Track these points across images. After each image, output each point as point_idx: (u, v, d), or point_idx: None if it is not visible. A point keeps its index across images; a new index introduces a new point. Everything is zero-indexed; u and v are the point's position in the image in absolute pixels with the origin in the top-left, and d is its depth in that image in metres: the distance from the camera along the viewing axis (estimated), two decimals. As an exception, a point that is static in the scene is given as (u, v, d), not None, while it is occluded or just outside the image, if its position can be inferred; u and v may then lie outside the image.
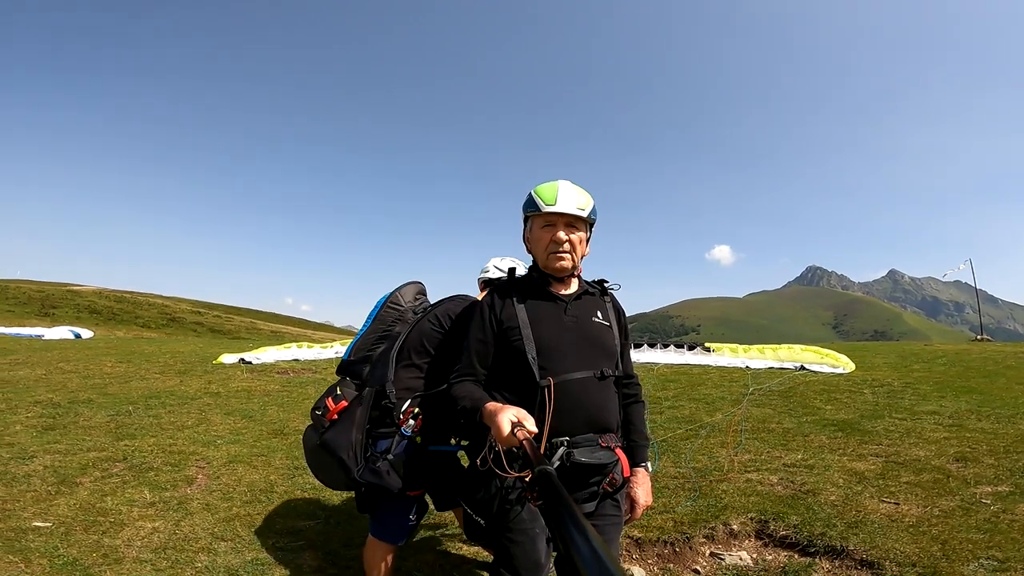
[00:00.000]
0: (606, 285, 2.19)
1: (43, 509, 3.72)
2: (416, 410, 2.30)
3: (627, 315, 2.25)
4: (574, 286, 2.11)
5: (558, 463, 1.79)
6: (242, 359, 11.18)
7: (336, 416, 2.33)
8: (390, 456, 2.22)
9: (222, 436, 5.69)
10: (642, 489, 2.07)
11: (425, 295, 2.71)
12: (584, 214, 1.99)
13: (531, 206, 2.03)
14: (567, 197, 1.97)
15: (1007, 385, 7.67)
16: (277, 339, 28.56)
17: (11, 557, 3.04)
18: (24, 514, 3.62)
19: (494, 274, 2.70)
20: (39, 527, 3.43)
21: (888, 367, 9.87)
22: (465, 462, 2.19)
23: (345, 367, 2.49)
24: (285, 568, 3.10)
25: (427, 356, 2.38)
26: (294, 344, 13.67)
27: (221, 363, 10.81)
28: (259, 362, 11.22)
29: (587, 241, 2.09)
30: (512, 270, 2.15)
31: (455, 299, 2.50)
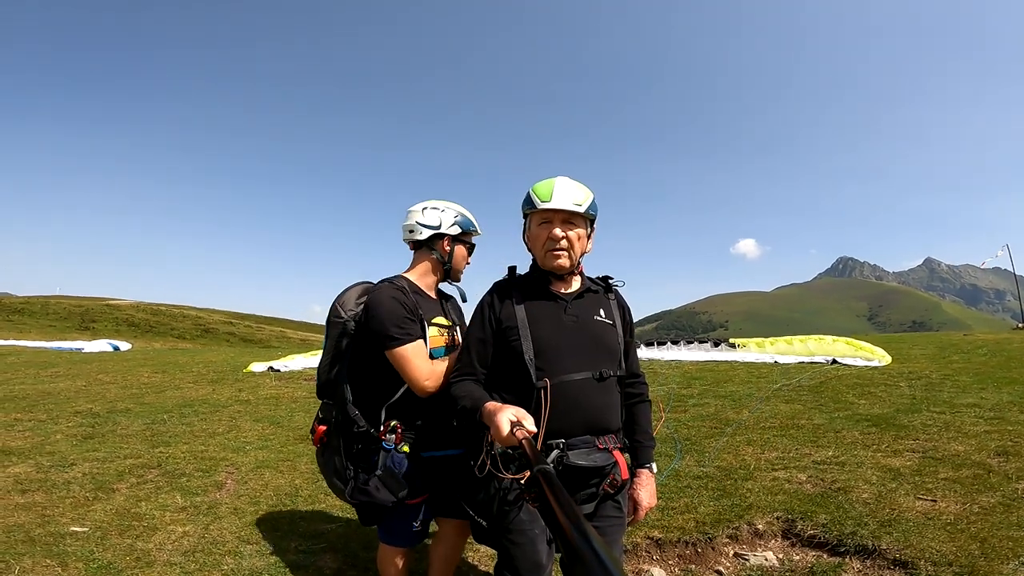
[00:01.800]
0: (611, 282, 2.14)
1: (81, 515, 3.85)
2: (393, 422, 2.19)
3: (653, 313, 2.20)
4: (576, 284, 2.07)
5: (552, 465, 1.78)
6: (271, 367, 11.42)
7: (323, 439, 2.30)
8: (378, 472, 2.15)
9: (251, 442, 5.82)
10: (645, 491, 2.03)
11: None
12: (581, 210, 1.94)
13: (528, 204, 2.01)
14: (563, 193, 1.94)
15: (1052, 375, 7.34)
16: (306, 347, 29.09)
17: (49, 561, 3.16)
18: (62, 520, 3.76)
19: (422, 234, 2.33)
20: (76, 532, 3.55)
21: (926, 358, 9.54)
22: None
23: (319, 391, 2.41)
24: (306, 570, 3.14)
25: (375, 362, 2.21)
26: (321, 351, 13.90)
27: (251, 371, 11.07)
28: (287, 370, 11.44)
29: (588, 237, 2.05)
30: (512, 268, 2.12)
31: (371, 290, 2.29)
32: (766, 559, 3.03)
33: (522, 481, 1.61)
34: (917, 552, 2.84)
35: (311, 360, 12.42)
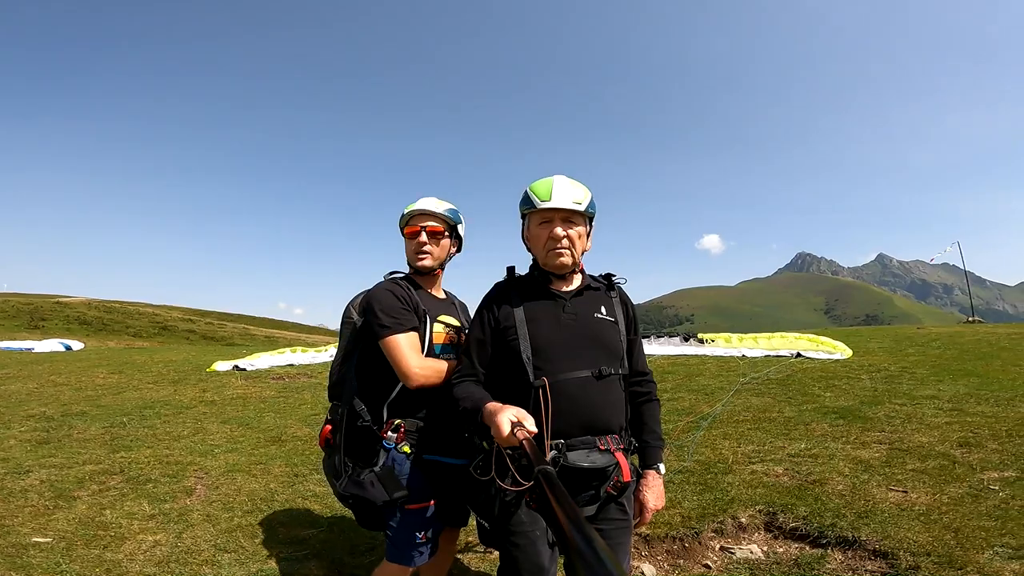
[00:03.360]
0: (613, 279, 2.12)
1: (42, 524, 3.65)
2: (397, 421, 2.16)
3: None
4: (576, 282, 2.05)
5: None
6: (236, 366, 11.07)
7: (329, 439, 2.28)
8: (376, 468, 2.11)
9: (219, 445, 5.62)
10: (652, 492, 2.00)
11: None
12: (581, 208, 1.93)
13: (527, 203, 1.98)
14: (562, 192, 1.92)
15: (1003, 367, 7.73)
16: (271, 344, 28.40)
17: (13, 574, 2.99)
18: (23, 530, 3.55)
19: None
20: (39, 543, 3.36)
21: (883, 352, 9.92)
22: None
23: (329, 392, 2.41)
24: (291, 579, 3.05)
25: (378, 358, 2.20)
26: (288, 349, 13.57)
27: (215, 371, 10.72)
28: (253, 368, 11.12)
29: (588, 236, 2.04)
30: (511, 269, 2.10)
31: (370, 292, 2.30)
32: (751, 552, 3.09)
33: (523, 488, 1.58)
34: (895, 543, 2.94)
35: (278, 358, 12.11)
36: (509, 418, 1.56)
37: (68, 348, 17.99)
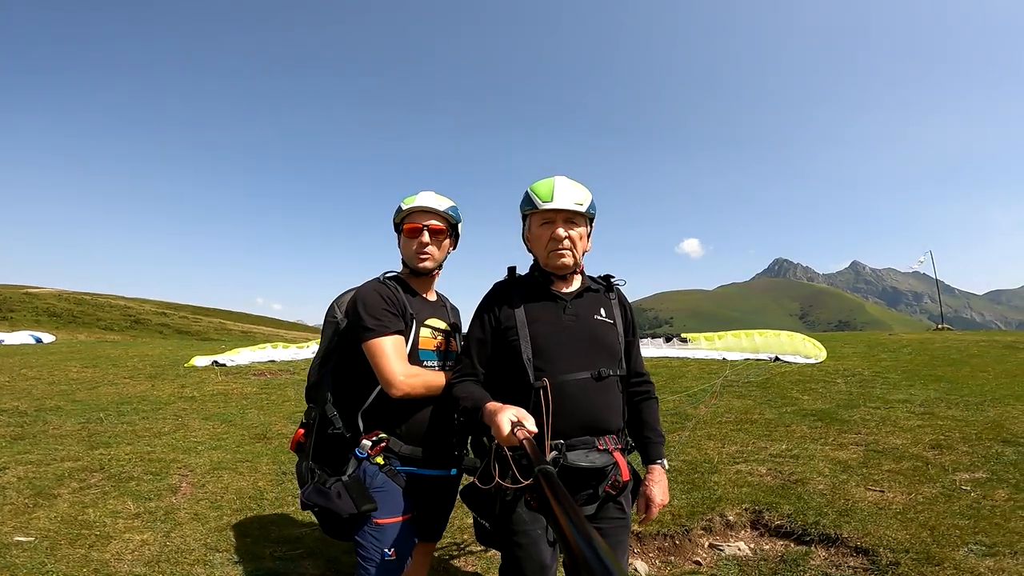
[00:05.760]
0: (612, 280, 2.14)
1: (23, 523, 3.57)
2: (382, 435, 2.04)
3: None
4: (576, 283, 2.07)
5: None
6: (215, 361, 10.92)
7: (303, 442, 2.18)
8: (345, 478, 1.97)
9: (202, 442, 5.55)
10: (658, 488, 2.03)
11: None
12: (582, 209, 1.95)
13: (528, 204, 1.99)
14: (564, 192, 1.94)
15: (972, 373, 8.02)
16: (249, 339, 27.92)
17: (-4, 575, 2.92)
18: (4, 528, 3.47)
19: None
20: (22, 542, 3.29)
21: (857, 356, 10.19)
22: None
23: (307, 394, 2.28)
24: (286, 577, 3.04)
25: (357, 362, 2.10)
26: (268, 344, 13.41)
27: (193, 366, 10.55)
28: (233, 364, 10.97)
29: (588, 236, 2.06)
30: (512, 269, 2.12)
31: (352, 293, 2.21)
32: (739, 549, 3.18)
33: (523, 486, 1.61)
34: (876, 540, 3.06)
35: (259, 354, 11.97)
36: (509, 418, 1.58)
37: (38, 340, 17.48)
